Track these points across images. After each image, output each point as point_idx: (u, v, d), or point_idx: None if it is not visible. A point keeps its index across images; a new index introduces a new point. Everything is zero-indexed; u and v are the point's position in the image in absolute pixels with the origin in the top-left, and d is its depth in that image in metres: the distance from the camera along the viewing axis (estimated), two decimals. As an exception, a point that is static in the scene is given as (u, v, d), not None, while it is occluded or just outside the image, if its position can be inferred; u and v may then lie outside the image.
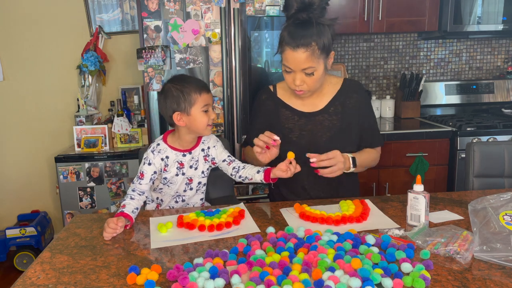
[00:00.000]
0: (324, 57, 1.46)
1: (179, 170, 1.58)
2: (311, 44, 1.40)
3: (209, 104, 1.52)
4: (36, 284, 1.05)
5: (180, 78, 1.54)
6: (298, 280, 0.97)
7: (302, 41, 1.40)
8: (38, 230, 2.84)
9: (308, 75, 1.46)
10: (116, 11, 3.02)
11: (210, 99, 1.52)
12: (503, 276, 1.01)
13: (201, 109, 1.50)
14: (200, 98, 1.49)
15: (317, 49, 1.41)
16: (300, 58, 1.42)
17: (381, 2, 2.69)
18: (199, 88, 1.49)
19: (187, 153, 1.59)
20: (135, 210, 1.44)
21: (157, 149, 1.57)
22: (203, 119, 1.51)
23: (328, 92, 1.61)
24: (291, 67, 1.45)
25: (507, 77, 3.17)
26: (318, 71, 1.46)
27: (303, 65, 1.43)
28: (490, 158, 1.76)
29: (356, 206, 1.43)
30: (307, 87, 1.49)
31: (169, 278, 1.03)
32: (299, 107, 1.62)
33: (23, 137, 3.11)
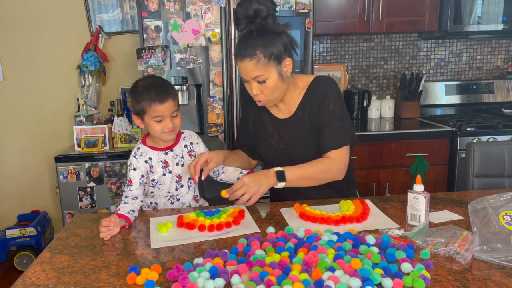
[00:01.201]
0: (276, 65, 1.44)
1: (165, 169, 1.58)
2: (255, 53, 1.41)
3: (163, 116, 1.47)
4: (36, 284, 1.05)
5: (143, 83, 1.50)
6: (298, 280, 0.97)
7: (246, 51, 1.42)
8: (38, 230, 2.84)
9: (260, 83, 1.45)
10: (116, 11, 3.02)
11: (165, 111, 1.47)
12: (503, 276, 1.01)
13: (152, 119, 1.48)
14: (150, 110, 1.47)
15: (263, 57, 1.41)
16: (247, 67, 1.43)
17: (381, 2, 2.69)
18: (151, 99, 1.45)
19: (169, 150, 1.59)
20: (131, 212, 1.44)
21: (139, 153, 1.56)
22: (156, 128, 1.49)
23: (296, 97, 1.58)
24: (243, 76, 1.48)
25: (507, 77, 3.17)
26: (271, 79, 1.45)
27: (251, 74, 1.44)
28: (490, 158, 1.76)
29: (356, 206, 1.43)
30: (265, 96, 1.48)
31: (169, 278, 1.03)
32: (276, 113, 1.62)
33: (23, 137, 3.11)
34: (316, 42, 3.11)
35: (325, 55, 3.15)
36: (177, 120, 1.54)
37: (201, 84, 2.47)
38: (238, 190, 1.36)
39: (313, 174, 1.47)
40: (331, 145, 1.49)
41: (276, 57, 1.43)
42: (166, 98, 1.47)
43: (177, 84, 2.46)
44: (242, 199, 1.36)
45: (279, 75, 1.46)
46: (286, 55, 1.46)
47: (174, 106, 1.50)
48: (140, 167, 1.54)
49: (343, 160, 1.50)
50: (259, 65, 1.42)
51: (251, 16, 1.42)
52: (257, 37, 1.42)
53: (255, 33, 1.42)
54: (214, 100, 2.47)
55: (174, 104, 1.50)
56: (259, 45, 1.41)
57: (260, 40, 1.41)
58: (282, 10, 2.40)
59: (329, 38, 3.12)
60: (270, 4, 1.42)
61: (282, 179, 1.42)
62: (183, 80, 2.46)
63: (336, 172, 1.49)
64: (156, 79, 1.54)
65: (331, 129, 1.50)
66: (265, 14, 1.42)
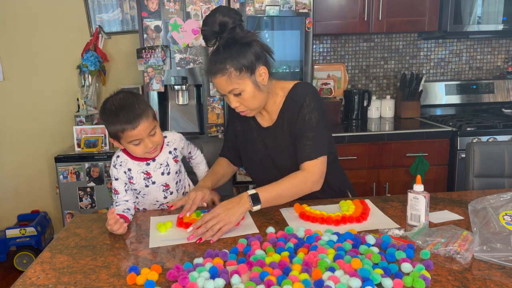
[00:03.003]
0: (249, 75, 1.41)
1: (147, 180, 1.51)
2: (225, 68, 1.39)
3: (140, 139, 1.40)
4: (36, 284, 1.05)
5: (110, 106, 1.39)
6: (298, 280, 0.97)
7: (215, 68, 1.40)
8: (38, 230, 2.84)
9: (237, 96, 1.43)
10: (116, 11, 3.01)
11: (140, 134, 1.38)
12: (503, 276, 1.01)
13: (129, 143, 1.41)
14: (124, 135, 1.39)
15: (233, 70, 1.39)
16: (220, 83, 1.41)
17: (381, 2, 2.69)
18: (122, 124, 1.36)
19: (151, 161, 1.50)
20: (127, 210, 1.43)
21: (118, 162, 1.50)
22: (137, 150, 1.42)
23: (278, 104, 1.55)
24: (220, 91, 1.46)
25: (507, 77, 3.17)
26: (247, 91, 1.42)
27: (226, 88, 1.42)
28: (490, 158, 1.76)
29: (356, 206, 1.43)
30: (245, 107, 1.46)
31: (169, 278, 1.03)
32: (260, 120, 1.60)
33: (23, 137, 3.11)
34: (316, 42, 3.11)
35: (325, 55, 3.15)
36: (156, 138, 1.44)
37: (201, 84, 2.47)
38: (208, 222, 1.27)
39: (288, 189, 1.41)
40: (306, 156, 1.44)
41: (248, 68, 1.40)
42: (137, 121, 1.37)
43: (177, 84, 2.46)
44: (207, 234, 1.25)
45: (254, 85, 1.42)
46: (259, 64, 1.42)
47: (149, 126, 1.40)
48: (120, 177, 1.50)
49: (318, 171, 1.44)
50: (232, 79, 1.39)
51: (217, 32, 1.39)
52: (224, 51, 1.39)
53: (221, 48, 1.39)
54: (214, 100, 2.47)
55: (149, 123, 1.40)
56: (228, 59, 1.38)
57: (228, 54, 1.38)
58: (282, 10, 2.40)
59: (329, 38, 3.12)
60: (234, 15, 1.38)
61: (257, 201, 1.35)
62: (183, 80, 2.46)
63: (311, 184, 1.43)
64: (124, 99, 1.40)
65: (307, 139, 1.45)
66: (232, 26, 1.38)
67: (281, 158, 1.54)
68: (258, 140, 1.59)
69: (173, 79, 2.45)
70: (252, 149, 1.61)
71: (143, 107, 1.40)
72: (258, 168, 1.62)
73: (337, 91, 3.11)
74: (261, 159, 1.59)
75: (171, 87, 2.49)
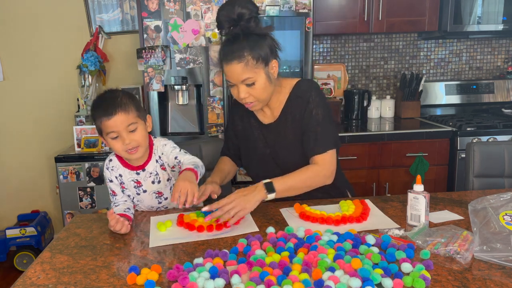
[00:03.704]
0: (263, 66, 1.43)
1: (138, 189, 1.49)
2: (243, 56, 1.40)
3: (116, 131, 1.35)
4: (36, 284, 1.05)
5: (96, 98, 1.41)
6: (298, 280, 0.97)
7: (234, 54, 1.40)
8: (38, 230, 2.84)
9: (249, 86, 1.44)
10: (116, 11, 3.02)
11: (116, 126, 1.34)
12: (503, 276, 1.01)
13: (107, 136, 1.37)
14: (102, 126, 1.36)
15: (251, 59, 1.40)
16: (235, 70, 1.41)
17: (381, 2, 2.69)
18: (100, 114, 1.35)
19: (141, 170, 1.47)
20: (127, 210, 1.43)
21: (110, 166, 1.49)
22: (115, 146, 1.38)
23: (281, 101, 1.56)
24: (231, 80, 1.46)
25: (507, 77, 3.17)
26: (259, 81, 1.44)
27: (240, 76, 1.42)
28: (490, 158, 1.76)
29: (356, 206, 1.43)
30: (254, 98, 1.46)
31: (169, 278, 1.03)
32: (261, 118, 1.60)
33: (23, 137, 3.11)
34: (316, 42, 3.11)
35: (325, 55, 3.15)
36: (136, 135, 1.37)
37: (201, 84, 2.47)
38: (224, 206, 1.31)
39: (301, 182, 1.44)
40: (315, 150, 1.47)
41: (263, 59, 1.42)
42: (114, 111, 1.33)
43: (177, 84, 2.46)
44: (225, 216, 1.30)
45: (267, 77, 1.45)
46: (272, 57, 1.46)
47: (127, 119, 1.35)
48: (113, 180, 1.49)
49: (329, 165, 1.47)
50: (248, 68, 1.41)
51: (234, 20, 1.41)
52: (243, 40, 1.41)
53: (241, 36, 1.41)
54: (214, 100, 2.47)
55: (128, 117, 1.35)
56: (247, 47, 1.40)
57: (247, 43, 1.40)
58: (282, 10, 2.40)
59: (329, 38, 3.12)
60: (252, 7, 1.41)
61: (272, 190, 1.38)
62: (183, 80, 2.46)
63: (323, 177, 1.47)
64: (109, 92, 1.41)
65: (315, 134, 1.48)
66: (248, 17, 1.41)
67: (284, 155, 1.55)
68: (259, 138, 1.60)
69: (173, 79, 2.46)
70: (253, 148, 1.61)
71: (126, 101, 1.37)
72: (259, 167, 1.62)
73: (337, 91, 3.11)
74: (262, 158, 1.59)
75: (171, 87, 2.49)
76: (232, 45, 1.42)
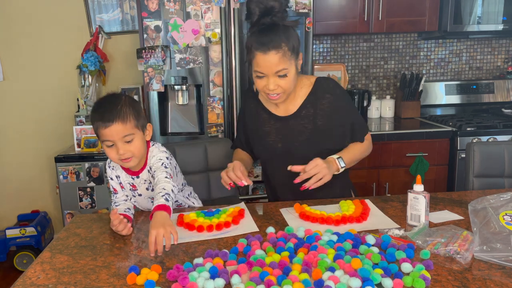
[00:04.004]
0: (295, 58, 1.46)
1: (133, 192, 1.49)
2: (281, 46, 1.40)
3: (112, 141, 1.32)
4: (36, 284, 1.05)
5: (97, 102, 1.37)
6: (298, 280, 0.97)
7: (272, 44, 1.40)
8: (38, 230, 2.84)
9: (281, 77, 1.44)
10: (116, 11, 3.02)
11: (111, 135, 1.31)
12: (503, 276, 1.01)
13: (102, 143, 1.35)
14: (99, 132, 1.34)
15: (287, 50, 1.41)
16: (272, 60, 1.40)
17: (381, 2, 2.69)
18: (97, 120, 1.32)
19: (135, 176, 1.46)
20: (127, 210, 1.43)
21: (111, 165, 1.48)
22: (109, 154, 1.35)
23: (299, 95, 1.58)
24: (264, 71, 1.43)
25: (507, 77, 3.17)
26: (291, 73, 1.45)
27: (276, 67, 1.41)
28: (490, 158, 1.76)
29: (356, 206, 1.43)
30: (282, 89, 1.46)
31: (169, 278, 1.03)
32: (274, 110, 1.61)
33: (23, 137, 3.11)
34: (316, 42, 3.11)
35: (325, 55, 3.15)
36: (131, 146, 1.34)
37: (201, 84, 2.47)
38: (312, 169, 1.37)
39: (358, 154, 1.59)
40: (363, 134, 1.61)
41: (295, 51, 1.44)
42: (112, 120, 1.30)
43: (177, 84, 2.46)
44: (312, 180, 1.38)
45: (296, 69, 1.47)
46: (299, 50, 1.49)
47: (124, 130, 1.31)
48: (114, 178, 1.49)
49: (371, 143, 1.66)
50: (284, 58, 1.41)
51: (266, 10, 1.41)
52: (279, 29, 1.41)
53: (281, 26, 1.41)
54: (214, 100, 2.47)
55: (125, 127, 1.31)
56: (283, 37, 1.40)
57: (283, 33, 1.41)
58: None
59: (329, 38, 3.12)
60: (283, 0, 1.42)
61: (342, 163, 1.49)
62: (183, 80, 2.46)
63: (369, 151, 1.65)
64: (110, 97, 1.37)
65: (357, 123, 1.60)
66: (279, 9, 1.41)
67: (296, 148, 1.56)
68: (271, 132, 1.60)
69: (173, 79, 2.45)
70: (262, 141, 1.61)
71: (126, 110, 1.32)
72: (268, 159, 1.62)
73: (337, 91, 3.11)
74: (272, 151, 1.59)
75: (171, 87, 2.49)
76: (268, 35, 1.41)
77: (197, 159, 1.88)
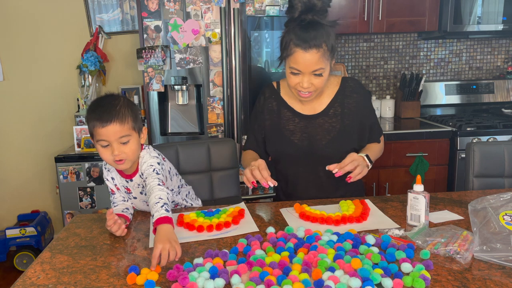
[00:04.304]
0: (331, 58, 1.45)
1: (128, 194, 1.48)
2: (322, 45, 1.38)
3: (108, 141, 1.30)
4: (36, 284, 1.05)
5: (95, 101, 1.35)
6: (298, 280, 0.97)
7: (313, 42, 1.38)
8: (38, 230, 2.84)
9: (316, 76, 1.43)
10: (116, 11, 3.02)
11: (107, 135, 1.29)
12: (503, 276, 1.01)
13: (97, 142, 1.33)
14: (94, 132, 1.31)
15: (327, 50, 1.40)
16: (312, 59, 1.39)
17: (381, 2, 2.69)
18: (94, 120, 1.30)
19: (129, 180, 1.44)
20: (126, 210, 1.42)
21: (107, 167, 1.46)
22: (102, 155, 1.33)
23: (327, 94, 1.59)
24: (301, 69, 1.42)
25: (507, 77, 3.17)
26: (326, 72, 1.45)
27: (314, 66, 1.40)
28: (490, 158, 1.76)
29: (356, 206, 1.43)
30: (314, 87, 1.46)
31: (169, 278, 1.03)
32: (300, 109, 1.60)
33: (23, 137, 3.11)
34: (316, 42, 3.10)
35: (325, 55, 3.15)
36: (126, 148, 1.31)
37: (201, 84, 2.47)
38: (352, 162, 1.39)
39: (377, 153, 1.62)
40: (373, 138, 1.64)
41: (334, 50, 1.44)
42: (110, 120, 1.28)
43: (177, 84, 2.46)
44: (356, 171, 1.39)
45: (330, 69, 1.47)
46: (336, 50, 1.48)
47: (121, 131, 1.30)
48: (109, 180, 1.48)
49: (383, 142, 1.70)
50: (324, 58, 1.40)
51: (309, 7, 1.39)
52: (321, 28, 1.39)
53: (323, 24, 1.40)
54: (214, 100, 2.47)
55: (122, 128, 1.30)
56: (325, 36, 1.39)
57: (324, 32, 1.39)
58: (282, 10, 2.40)
59: (329, 38, 3.11)
60: None
61: (370, 161, 1.50)
62: (183, 80, 2.46)
63: (382, 151, 1.69)
64: (111, 98, 1.35)
65: (375, 124, 1.64)
66: (320, 8, 1.40)
67: (323, 146, 1.55)
68: (295, 131, 1.58)
69: (173, 79, 2.45)
70: (286, 140, 1.59)
71: (124, 111, 1.31)
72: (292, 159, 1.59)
73: (337, 91, 3.11)
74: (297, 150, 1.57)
75: (171, 87, 2.49)
76: (310, 32, 1.38)
77: (200, 158, 1.87)
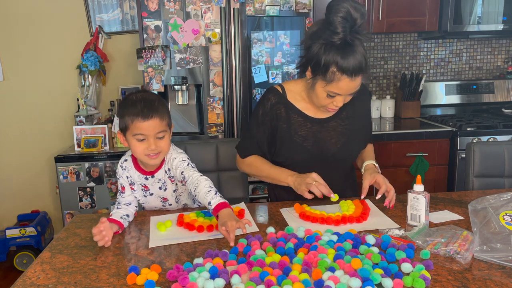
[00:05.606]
0: None
1: (144, 192, 1.50)
2: (364, 68, 1.32)
3: (145, 135, 1.34)
4: (36, 284, 1.05)
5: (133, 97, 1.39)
6: (298, 280, 0.97)
7: (359, 70, 1.31)
8: (38, 230, 2.84)
9: (351, 95, 1.40)
10: (116, 11, 3.02)
11: (148, 129, 1.34)
12: (503, 276, 1.01)
13: (133, 136, 1.36)
14: (133, 126, 1.34)
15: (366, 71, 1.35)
16: (356, 85, 1.35)
17: (381, 2, 2.69)
18: (135, 114, 1.33)
19: (149, 176, 1.46)
20: (125, 217, 1.40)
21: (124, 165, 1.48)
22: (137, 148, 1.37)
23: None
24: (342, 92, 1.36)
25: (507, 77, 3.17)
26: None
27: (355, 88, 1.36)
28: (490, 158, 1.76)
29: (356, 206, 1.43)
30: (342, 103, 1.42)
31: (169, 278, 1.03)
32: (311, 113, 1.52)
33: (23, 137, 3.11)
34: (316, 42, 3.10)
35: (325, 55, 3.14)
36: (162, 143, 1.38)
37: (201, 84, 2.47)
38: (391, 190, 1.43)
39: None
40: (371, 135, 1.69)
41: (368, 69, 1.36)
42: (151, 115, 1.34)
43: (177, 84, 2.46)
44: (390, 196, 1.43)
45: None
46: None
47: (160, 126, 1.36)
48: (124, 178, 1.49)
49: None
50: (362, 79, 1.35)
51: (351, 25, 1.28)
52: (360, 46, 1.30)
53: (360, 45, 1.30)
54: (214, 100, 2.47)
55: (161, 124, 1.36)
56: (364, 58, 1.31)
57: (364, 50, 1.31)
58: (282, 10, 2.40)
59: (329, 38, 3.11)
60: (364, 11, 1.30)
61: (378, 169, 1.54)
62: (183, 80, 2.46)
63: None
64: (147, 94, 1.42)
65: (371, 127, 1.69)
66: (360, 24, 1.29)
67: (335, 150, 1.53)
68: (308, 136, 1.52)
69: (173, 79, 2.46)
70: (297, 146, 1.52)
71: (162, 108, 1.38)
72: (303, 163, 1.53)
73: (337, 91, 3.11)
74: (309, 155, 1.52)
75: (171, 87, 2.49)
76: (356, 56, 1.29)
77: (208, 158, 1.87)
